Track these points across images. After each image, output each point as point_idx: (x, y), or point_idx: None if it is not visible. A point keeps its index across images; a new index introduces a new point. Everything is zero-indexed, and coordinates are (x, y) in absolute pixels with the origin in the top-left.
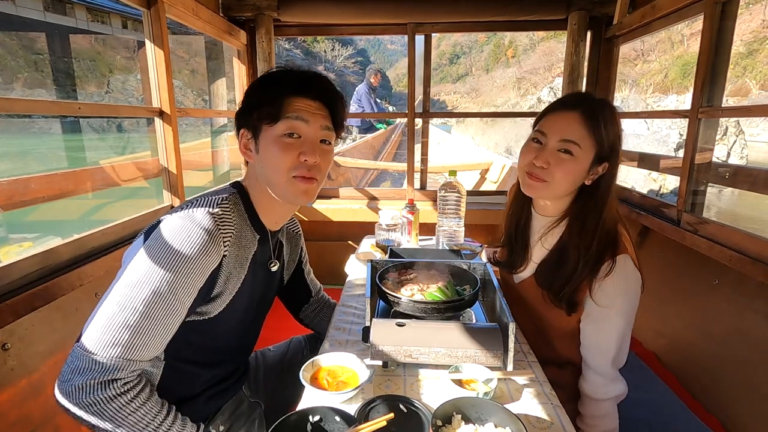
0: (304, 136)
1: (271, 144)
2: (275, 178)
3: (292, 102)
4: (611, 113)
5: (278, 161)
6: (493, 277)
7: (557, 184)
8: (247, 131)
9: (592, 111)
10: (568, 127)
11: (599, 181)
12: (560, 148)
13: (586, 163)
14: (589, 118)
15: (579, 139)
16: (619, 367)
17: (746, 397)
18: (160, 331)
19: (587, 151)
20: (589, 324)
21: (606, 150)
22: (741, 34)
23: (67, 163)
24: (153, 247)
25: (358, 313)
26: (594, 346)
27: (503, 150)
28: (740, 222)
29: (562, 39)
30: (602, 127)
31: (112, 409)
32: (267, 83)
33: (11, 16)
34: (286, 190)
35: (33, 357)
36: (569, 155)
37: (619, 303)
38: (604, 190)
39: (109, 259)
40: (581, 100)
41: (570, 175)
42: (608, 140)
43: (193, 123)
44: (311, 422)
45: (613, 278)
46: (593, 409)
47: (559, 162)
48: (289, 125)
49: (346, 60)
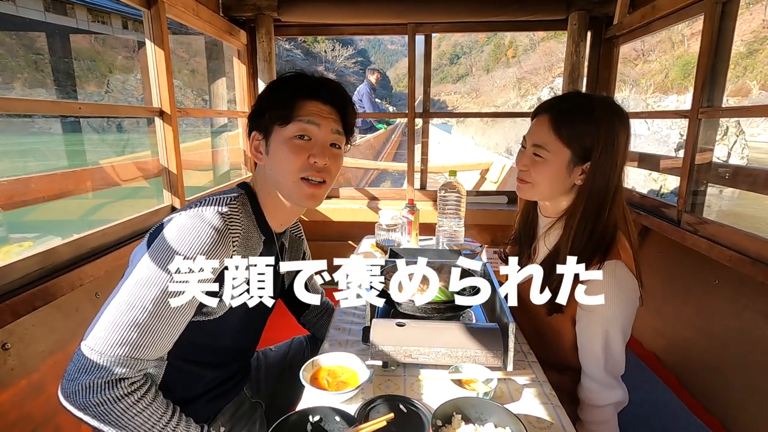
0: (314, 139)
1: (281, 145)
2: (283, 180)
3: (304, 105)
4: (586, 112)
5: (288, 162)
6: (494, 277)
7: (539, 186)
8: (259, 133)
9: (560, 113)
10: (538, 131)
11: (590, 181)
12: (533, 152)
13: (559, 165)
14: (556, 120)
15: (545, 143)
16: (617, 374)
17: (746, 397)
18: (168, 331)
19: (557, 153)
20: (578, 328)
21: (580, 150)
22: (741, 34)
23: (67, 163)
24: (162, 246)
25: (358, 313)
26: (584, 351)
27: (503, 150)
28: (743, 222)
29: (562, 39)
30: (571, 128)
31: (119, 410)
32: (279, 86)
33: (11, 16)
34: (293, 192)
35: (33, 357)
36: (540, 158)
37: (603, 308)
38: (597, 191)
39: (109, 259)
40: (554, 103)
41: (545, 177)
42: (581, 140)
43: (193, 123)
44: (311, 422)
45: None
46: (591, 415)
47: (533, 164)
48: (300, 127)
49: (347, 60)
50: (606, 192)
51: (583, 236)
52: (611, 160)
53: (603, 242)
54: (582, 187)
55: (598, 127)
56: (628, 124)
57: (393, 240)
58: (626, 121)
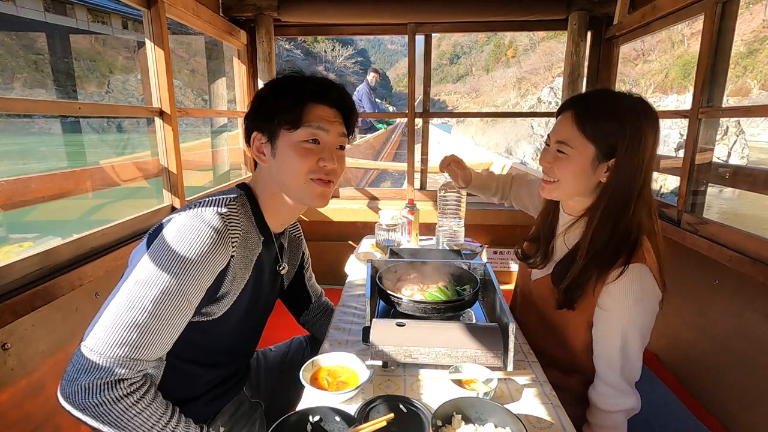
0: (323, 143)
1: (290, 149)
2: (292, 181)
3: (312, 109)
4: (610, 109)
5: (298, 165)
6: (493, 277)
7: (563, 183)
8: (262, 135)
9: (582, 109)
10: (561, 127)
11: (614, 178)
12: (556, 148)
13: (583, 161)
14: (579, 116)
15: (568, 139)
16: (633, 380)
17: (746, 397)
18: (168, 331)
19: (581, 149)
20: (596, 331)
21: (604, 146)
22: (741, 34)
23: (67, 163)
24: (161, 247)
25: (358, 313)
26: (600, 355)
27: (503, 150)
28: (745, 222)
29: (562, 39)
30: (596, 124)
31: (118, 411)
32: (286, 88)
33: (11, 16)
34: (304, 192)
35: (33, 357)
36: (564, 154)
37: (624, 312)
38: (620, 189)
39: (109, 259)
40: (577, 100)
41: (569, 173)
42: (605, 137)
43: (193, 123)
44: (311, 422)
45: (621, 284)
46: (601, 420)
47: (557, 161)
48: (310, 133)
49: (347, 60)
50: (630, 191)
51: (604, 235)
52: (637, 158)
53: (627, 242)
54: (606, 185)
55: (623, 124)
56: (656, 125)
57: (393, 240)
58: (655, 121)
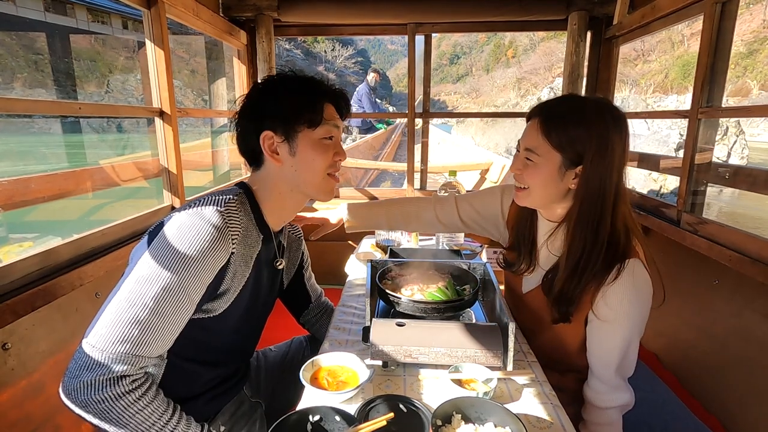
0: (335, 139)
1: (311, 146)
2: (313, 177)
3: (327, 109)
4: (576, 117)
5: (321, 162)
6: (493, 277)
7: (533, 190)
8: (277, 135)
9: (550, 117)
10: (528, 135)
11: (584, 185)
12: (525, 155)
13: (550, 168)
14: (544, 124)
15: (535, 147)
16: (627, 376)
17: (746, 397)
18: (169, 328)
19: (547, 157)
20: (593, 329)
21: (571, 154)
22: (741, 34)
23: (67, 163)
24: (162, 244)
25: (358, 313)
26: (597, 353)
27: (503, 150)
28: (746, 223)
29: (562, 39)
30: (561, 133)
31: (120, 408)
32: (304, 89)
33: (11, 16)
34: (322, 187)
35: (33, 357)
36: (531, 162)
37: (625, 308)
38: (592, 195)
39: (109, 259)
40: (545, 106)
41: (537, 181)
42: (571, 144)
43: (193, 123)
44: (311, 422)
45: (620, 282)
46: (596, 417)
47: (525, 168)
48: (328, 130)
49: (347, 60)
50: (603, 196)
51: (584, 243)
52: (605, 163)
53: (617, 248)
54: (576, 192)
55: (589, 130)
56: (623, 126)
57: (393, 240)
58: (622, 122)
